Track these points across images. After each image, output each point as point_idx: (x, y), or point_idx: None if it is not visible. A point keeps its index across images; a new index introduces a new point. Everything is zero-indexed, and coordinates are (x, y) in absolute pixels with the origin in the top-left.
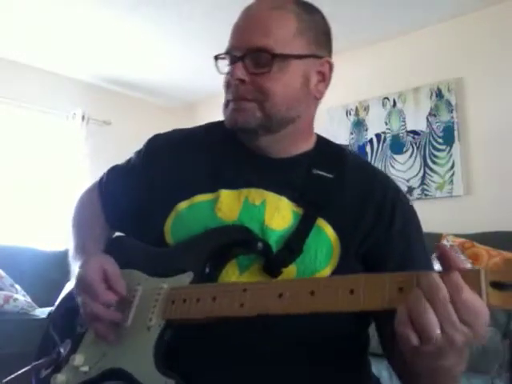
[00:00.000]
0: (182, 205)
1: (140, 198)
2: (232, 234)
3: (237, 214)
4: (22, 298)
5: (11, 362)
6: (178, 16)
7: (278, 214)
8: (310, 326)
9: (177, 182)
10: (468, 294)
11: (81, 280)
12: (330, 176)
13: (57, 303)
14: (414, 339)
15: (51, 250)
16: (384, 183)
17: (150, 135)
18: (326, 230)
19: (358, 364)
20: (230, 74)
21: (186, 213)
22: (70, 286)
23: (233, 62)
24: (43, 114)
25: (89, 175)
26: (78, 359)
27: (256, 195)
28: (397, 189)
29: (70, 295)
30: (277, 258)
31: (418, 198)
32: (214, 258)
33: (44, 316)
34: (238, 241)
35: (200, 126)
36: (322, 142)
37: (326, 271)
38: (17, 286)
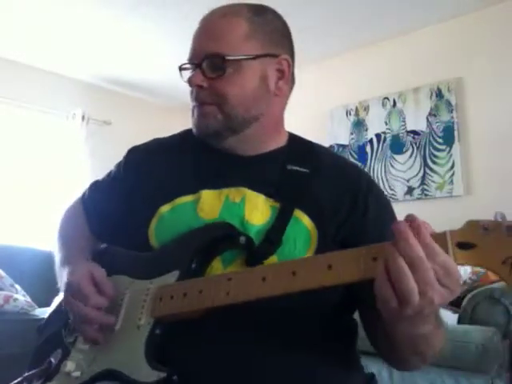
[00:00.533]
0: (165, 208)
1: (123, 207)
2: (215, 230)
3: (218, 212)
4: (21, 298)
5: (11, 362)
6: (178, 16)
7: (257, 211)
8: (296, 309)
9: (158, 187)
10: (443, 256)
11: (70, 286)
12: (304, 170)
13: (46, 316)
14: (394, 301)
15: (51, 250)
16: (357, 174)
17: (150, 135)
18: (303, 220)
19: (348, 352)
20: (189, 81)
21: (169, 215)
22: (58, 300)
23: (193, 70)
24: (43, 114)
25: (89, 175)
26: (70, 365)
27: (236, 194)
28: (370, 179)
29: (58, 308)
30: (258, 250)
31: (418, 198)
32: (199, 256)
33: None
34: (221, 236)
35: (177, 133)
36: (294, 139)
37: None
38: (17, 286)
